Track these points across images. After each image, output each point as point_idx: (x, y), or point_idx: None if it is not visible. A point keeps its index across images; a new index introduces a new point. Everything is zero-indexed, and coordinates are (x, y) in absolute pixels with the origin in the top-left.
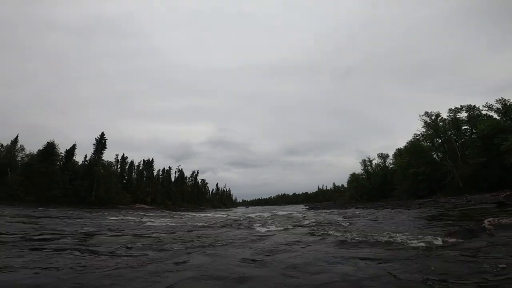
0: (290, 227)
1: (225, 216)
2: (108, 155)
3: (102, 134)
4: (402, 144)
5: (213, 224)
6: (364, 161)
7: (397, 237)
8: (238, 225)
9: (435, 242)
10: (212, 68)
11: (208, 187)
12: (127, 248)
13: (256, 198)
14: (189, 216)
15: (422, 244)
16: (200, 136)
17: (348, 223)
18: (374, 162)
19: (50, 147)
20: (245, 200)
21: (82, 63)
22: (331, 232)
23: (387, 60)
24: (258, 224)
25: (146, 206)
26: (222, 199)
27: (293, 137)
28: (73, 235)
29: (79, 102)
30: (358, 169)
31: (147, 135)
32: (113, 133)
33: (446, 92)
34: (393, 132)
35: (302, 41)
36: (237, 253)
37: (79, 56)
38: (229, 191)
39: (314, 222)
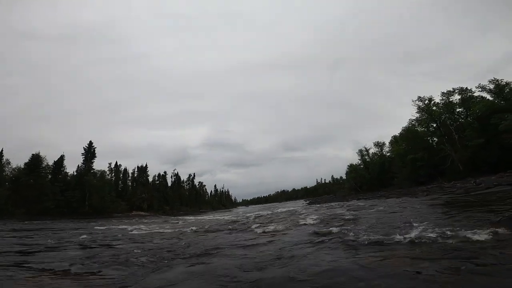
0: (291, 226)
1: (222, 217)
2: (102, 165)
3: (90, 143)
4: (397, 132)
5: (207, 228)
6: (360, 151)
7: (424, 233)
8: (233, 227)
9: (480, 236)
10: (204, 70)
11: (206, 189)
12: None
13: (256, 196)
14: (186, 220)
15: (464, 241)
16: (196, 139)
17: (355, 217)
18: (371, 151)
19: (36, 159)
20: (245, 200)
21: (66, 73)
22: (337, 230)
23: (377, 49)
24: (256, 225)
25: (142, 213)
26: (221, 200)
27: (290, 133)
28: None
29: (68, 113)
30: (356, 160)
31: (142, 142)
32: (106, 142)
33: (438, 77)
34: (387, 121)
35: (292, 36)
36: (226, 266)
37: (63, 66)
38: (228, 191)
39: (317, 219)
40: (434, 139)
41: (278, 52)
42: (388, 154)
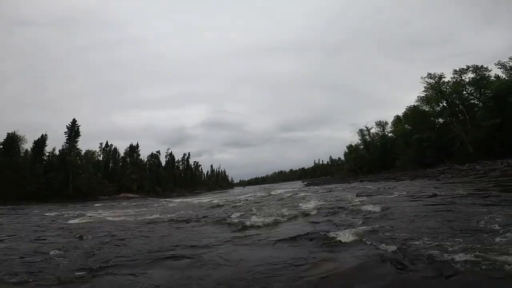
0: (283, 219)
1: (210, 200)
2: (95, 145)
3: (74, 121)
4: (397, 114)
5: (173, 217)
6: (361, 130)
7: None
8: (208, 215)
9: None
10: (202, 52)
11: (202, 169)
12: None
13: (254, 177)
14: (168, 203)
15: None
16: (194, 119)
17: (374, 207)
18: (372, 131)
19: (11, 139)
20: (242, 180)
21: (62, 57)
22: (358, 230)
23: (379, 34)
24: (238, 214)
25: (131, 195)
26: (218, 181)
27: (287, 114)
28: None
29: (65, 97)
30: (353, 143)
31: (139, 124)
32: (102, 125)
33: (440, 64)
34: (386, 105)
35: (292, 19)
36: None
37: (58, 50)
38: (225, 172)
39: (318, 205)
40: (440, 120)
41: (278, 35)
42: (390, 134)
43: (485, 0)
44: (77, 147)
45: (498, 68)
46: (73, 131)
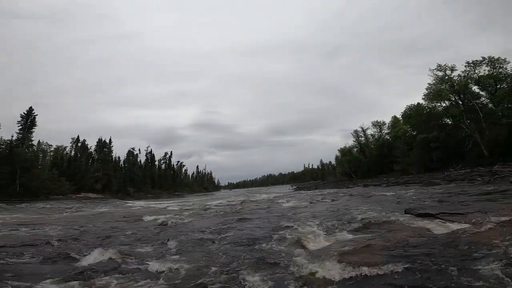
0: None
1: (173, 208)
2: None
3: (31, 109)
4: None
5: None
6: (356, 131)
7: None
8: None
9: None
10: (195, 51)
11: (187, 170)
12: None
13: (242, 180)
14: (117, 207)
15: None
16: (185, 119)
17: None
18: (368, 132)
19: None
20: (231, 183)
21: (54, 51)
22: None
23: (375, 39)
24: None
25: (92, 195)
26: (203, 182)
27: (280, 117)
28: None
29: (55, 92)
30: (348, 144)
31: (128, 122)
32: (92, 121)
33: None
34: (378, 111)
35: (288, 20)
36: None
37: (50, 44)
38: (211, 173)
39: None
40: (447, 120)
41: (274, 37)
42: (386, 136)
43: (478, 7)
44: (32, 138)
45: None
46: (28, 120)
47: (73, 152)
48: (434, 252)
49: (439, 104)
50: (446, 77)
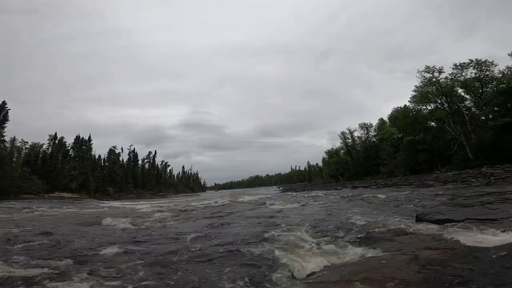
0: None
1: (136, 208)
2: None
3: (3, 104)
4: (379, 118)
5: None
6: (343, 133)
7: None
8: None
9: None
10: (184, 49)
11: (172, 170)
12: None
13: (229, 181)
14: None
15: None
16: (173, 119)
17: None
18: (355, 134)
19: None
20: (217, 184)
21: (35, 46)
22: None
23: (363, 43)
24: None
25: (66, 195)
26: (189, 183)
27: (269, 118)
28: None
29: (35, 88)
30: (334, 146)
31: (114, 120)
32: (75, 119)
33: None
34: (366, 114)
35: (278, 22)
36: None
37: (31, 38)
38: (197, 174)
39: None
40: (432, 124)
41: (264, 38)
42: (373, 139)
43: (463, 14)
44: (4, 134)
45: None
46: (1, 115)
47: (49, 150)
48: (489, 279)
49: (424, 107)
50: (434, 79)
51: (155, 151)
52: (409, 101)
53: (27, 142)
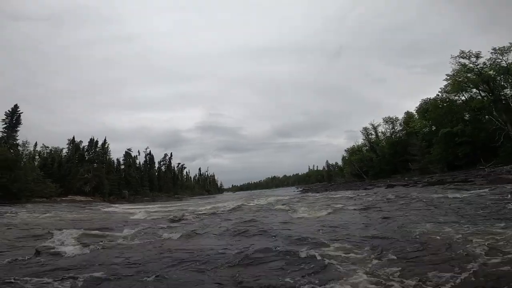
0: None
1: (135, 212)
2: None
3: (16, 107)
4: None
5: None
6: (365, 129)
7: None
8: None
9: None
10: (198, 52)
11: (188, 172)
12: None
13: (246, 182)
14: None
15: None
16: (189, 122)
17: None
18: (379, 129)
19: None
20: (234, 185)
21: (55, 53)
22: None
23: (378, 39)
24: None
25: (79, 198)
26: (205, 185)
27: (285, 119)
28: None
29: (57, 95)
30: (356, 143)
31: (132, 125)
32: (94, 124)
33: (438, 71)
34: (383, 112)
35: (289, 20)
36: None
37: (52, 46)
38: (213, 176)
39: None
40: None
41: (277, 37)
42: (398, 134)
43: (482, 6)
44: (17, 137)
45: None
46: (13, 118)
47: (67, 154)
48: None
49: (457, 97)
50: (471, 65)
51: (171, 153)
52: (439, 92)
53: (47, 147)
